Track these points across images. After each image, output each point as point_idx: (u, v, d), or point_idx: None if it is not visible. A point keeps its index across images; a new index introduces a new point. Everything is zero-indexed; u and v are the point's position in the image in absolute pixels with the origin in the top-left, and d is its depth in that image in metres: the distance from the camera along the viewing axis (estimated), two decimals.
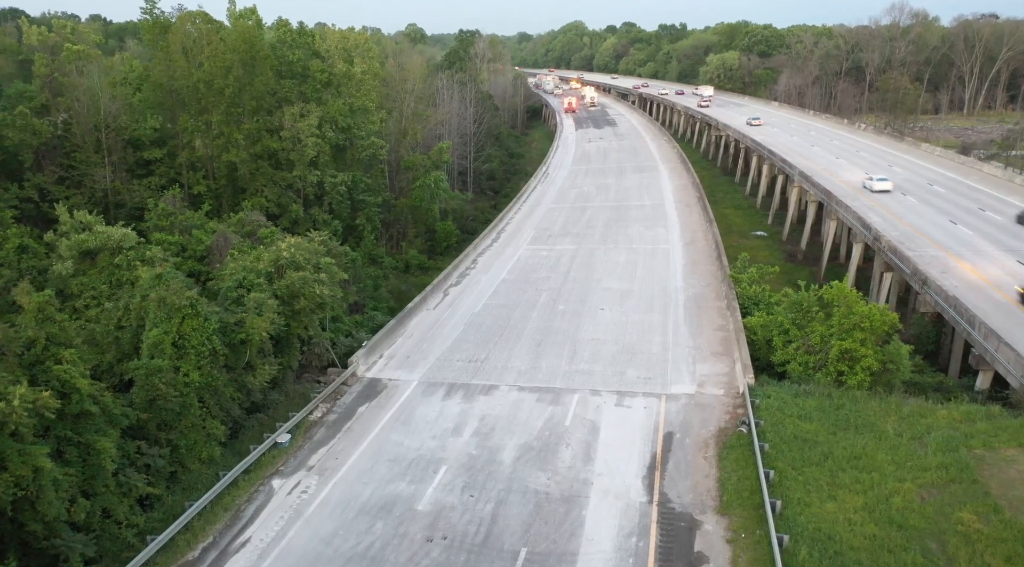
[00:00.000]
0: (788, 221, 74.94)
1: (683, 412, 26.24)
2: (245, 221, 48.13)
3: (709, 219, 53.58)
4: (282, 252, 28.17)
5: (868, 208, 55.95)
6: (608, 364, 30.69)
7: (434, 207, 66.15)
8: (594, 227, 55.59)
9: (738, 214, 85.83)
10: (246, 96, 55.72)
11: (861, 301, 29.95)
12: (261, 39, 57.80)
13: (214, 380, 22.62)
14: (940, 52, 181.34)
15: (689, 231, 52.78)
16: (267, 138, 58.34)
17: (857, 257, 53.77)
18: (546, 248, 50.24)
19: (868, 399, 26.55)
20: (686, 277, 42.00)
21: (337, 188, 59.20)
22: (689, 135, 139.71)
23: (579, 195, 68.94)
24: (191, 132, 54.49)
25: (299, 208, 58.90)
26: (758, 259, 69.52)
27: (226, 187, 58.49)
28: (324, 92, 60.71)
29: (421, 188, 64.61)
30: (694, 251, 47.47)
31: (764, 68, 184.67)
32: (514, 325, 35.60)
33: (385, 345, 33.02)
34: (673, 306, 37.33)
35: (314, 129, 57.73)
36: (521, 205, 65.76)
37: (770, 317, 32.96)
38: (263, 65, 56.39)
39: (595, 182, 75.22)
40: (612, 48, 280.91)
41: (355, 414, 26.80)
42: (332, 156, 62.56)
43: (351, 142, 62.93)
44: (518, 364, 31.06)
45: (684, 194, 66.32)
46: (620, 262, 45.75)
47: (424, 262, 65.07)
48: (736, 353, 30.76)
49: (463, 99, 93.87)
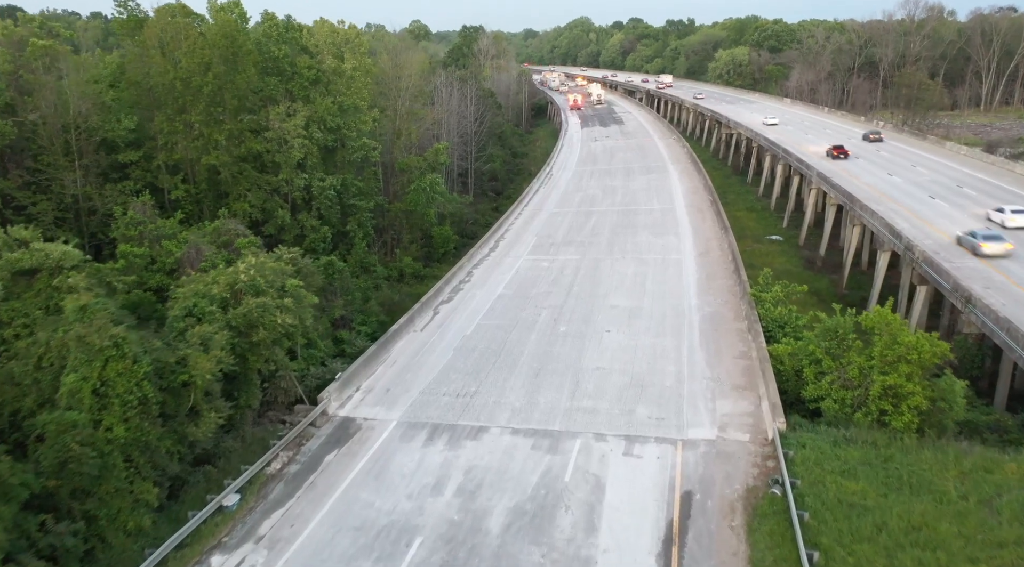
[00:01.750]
0: (805, 225, 70.84)
1: (703, 464, 22.37)
2: (221, 230, 44.46)
3: (724, 226, 49.60)
4: (239, 275, 24.43)
5: (895, 212, 51.92)
6: (615, 400, 26.85)
7: (430, 211, 62.37)
8: (600, 234, 51.68)
9: (751, 217, 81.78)
10: (227, 95, 52.00)
11: (906, 329, 25.98)
12: (244, 34, 54.09)
13: (145, 434, 18.95)
14: (956, 47, 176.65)
15: (703, 239, 48.82)
16: (251, 139, 54.63)
17: (884, 267, 49.73)
18: (548, 258, 46.39)
19: (920, 448, 22.63)
20: (701, 293, 38.07)
21: (326, 192, 55.46)
22: (698, 133, 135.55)
23: (584, 199, 65.04)
24: (168, 133, 50.85)
25: (285, 214, 55.24)
26: (774, 266, 65.40)
27: (207, 192, 54.81)
28: (312, 90, 56.93)
29: (416, 192, 60.82)
30: (708, 263, 43.52)
31: (775, 64, 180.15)
32: (510, 350, 31.78)
33: (363, 375, 29.27)
34: (687, 328, 33.42)
35: (301, 130, 54.01)
36: (522, 210, 61.90)
37: (799, 343, 29.05)
38: (246, 61, 52.65)
39: (601, 184, 71.29)
40: (619, 44, 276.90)
41: (321, 464, 23.05)
42: (321, 158, 58.83)
43: (341, 143, 59.19)
44: (512, 399, 27.26)
45: (696, 198, 62.32)
46: (628, 275, 41.86)
47: (419, 270, 61.32)
48: (762, 387, 26.86)
49: (464, 97, 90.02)
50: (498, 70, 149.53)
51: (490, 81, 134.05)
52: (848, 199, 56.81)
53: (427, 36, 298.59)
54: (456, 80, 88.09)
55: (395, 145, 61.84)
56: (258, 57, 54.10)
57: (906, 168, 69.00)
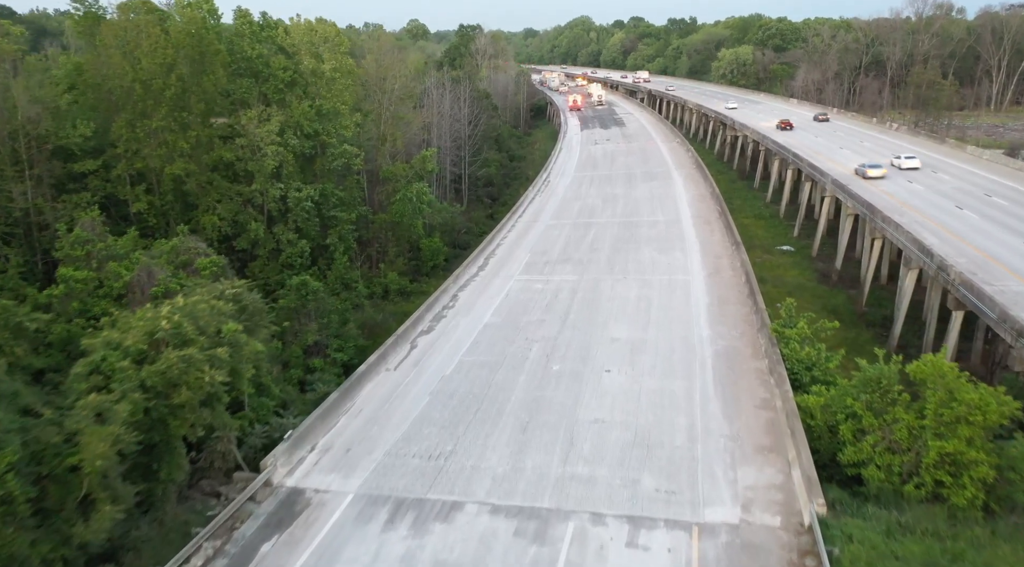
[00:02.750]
0: (818, 234, 66.50)
1: (725, 558, 18.05)
2: (180, 249, 40.17)
3: (735, 241, 45.21)
4: (160, 321, 20.14)
5: (920, 225, 47.61)
6: (616, 465, 22.51)
7: (417, 223, 58.10)
8: (599, 250, 47.32)
9: (760, 225, 77.46)
10: (193, 98, 47.71)
11: (966, 383, 21.60)
12: (213, 32, 49.81)
13: (7, 545, 14.72)
14: (965, 45, 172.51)
15: (712, 256, 44.44)
16: (221, 146, 50.41)
17: (910, 288, 45.38)
18: (542, 279, 42.05)
19: (994, 541, 18.30)
20: (712, 322, 33.71)
21: (302, 204, 51.18)
22: (702, 135, 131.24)
23: (583, 208, 60.68)
24: (127, 141, 46.58)
25: (259, 226, 51.01)
26: (786, 280, 61.27)
27: (173, 204, 50.54)
28: (288, 93, 52.69)
29: (401, 202, 56.54)
30: (720, 284, 39.16)
31: (780, 63, 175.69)
32: (494, 396, 27.45)
33: (321, 430, 24.95)
34: (699, 367, 29.07)
35: (275, 136, 49.75)
36: (516, 221, 57.51)
37: (832, 392, 24.73)
38: (214, 62, 48.38)
39: (601, 192, 66.94)
40: (619, 43, 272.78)
41: (254, 559, 18.76)
42: (299, 167, 54.57)
43: (321, 150, 54.92)
44: (494, 462, 22.94)
45: (703, 207, 57.92)
46: (630, 299, 37.52)
47: (406, 286, 57.03)
48: (791, 450, 22.51)
49: (457, 99, 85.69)
50: (495, 70, 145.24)
51: (487, 81, 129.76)
52: (868, 210, 52.43)
53: (425, 35, 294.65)
54: (449, 81, 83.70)
55: (379, 152, 57.53)
56: (227, 57, 49.77)
57: (926, 174, 64.64)
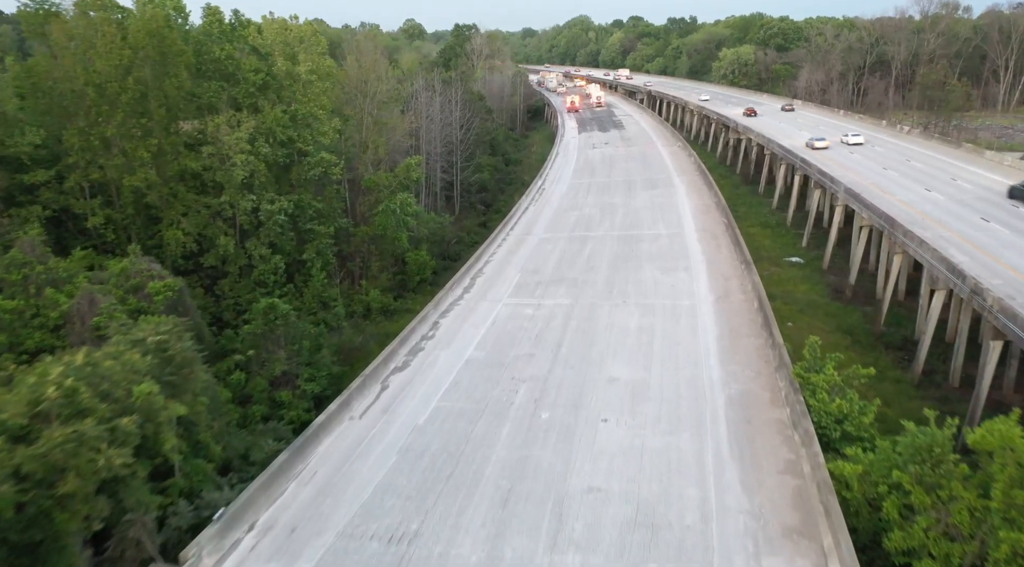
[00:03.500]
0: (829, 245, 62.59)
1: None
2: (131, 271, 36.26)
3: (745, 259, 41.26)
4: (47, 389, 16.17)
5: (945, 240, 43.77)
6: (614, 552, 18.56)
7: (402, 235, 54.14)
8: (596, 269, 43.36)
9: (766, 234, 73.55)
10: (153, 103, 43.76)
11: None
12: (176, 31, 45.84)
13: None
14: (972, 45, 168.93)
15: (720, 277, 40.49)
16: (186, 155, 46.48)
17: (937, 311, 41.46)
18: (532, 303, 38.08)
19: None
20: (724, 359, 29.76)
21: (275, 217, 47.23)
22: (703, 137, 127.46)
23: (579, 220, 56.71)
24: (81, 150, 42.67)
25: (229, 241, 47.06)
26: (797, 295, 57.28)
27: (135, 217, 46.63)
28: (260, 97, 48.73)
29: (384, 213, 52.58)
30: (729, 311, 35.21)
31: (782, 63, 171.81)
32: (471, 455, 23.50)
33: (263, 502, 20.97)
34: (710, 418, 25.12)
35: (244, 143, 45.81)
36: (507, 234, 53.50)
37: (871, 456, 20.81)
38: (177, 64, 44.42)
39: (599, 201, 62.98)
40: (619, 43, 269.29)
41: None
42: (274, 176, 50.64)
43: (297, 158, 50.97)
44: (467, 549, 18.98)
45: (708, 220, 53.96)
46: (630, 329, 33.56)
47: (389, 304, 53.10)
48: (826, 534, 18.56)
49: (449, 102, 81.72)
50: (491, 70, 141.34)
51: (481, 83, 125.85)
52: (887, 223, 48.50)
53: (422, 35, 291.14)
54: (440, 83, 79.68)
55: (360, 160, 53.56)
56: (192, 59, 45.80)
57: (945, 182, 60.76)
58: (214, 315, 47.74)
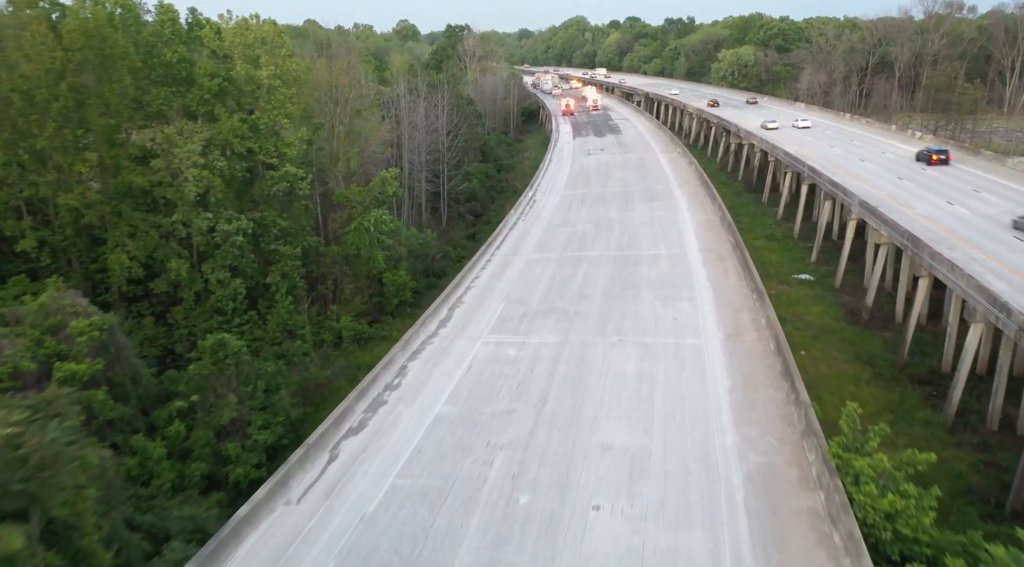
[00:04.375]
0: (842, 262, 58.02)
1: None
2: (51, 308, 31.50)
3: (757, 288, 36.55)
4: None
5: (978, 262, 39.29)
6: None
7: (377, 254, 49.40)
8: (589, 298, 38.63)
9: (772, 248, 69.00)
10: (91, 112, 39.01)
11: None
12: (119, 31, 41.10)
13: None
14: (977, 45, 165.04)
15: (728, 309, 35.79)
16: (131, 170, 41.74)
17: (974, 345, 36.86)
18: (516, 341, 33.32)
19: None
20: (739, 419, 25.06)
21: (232, 238, 42.50)
22: (703, 141, 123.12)
23: (572, 237, 51.97)
24: (6, 164, 37.93)
25: (182, 265, 42.34)
26: (808, 319, 52.62)
27: (75, 239, 41.90)
28: (217, 105, 43.98)
29: (357, 232, 47.85)
30: (742, 353, 30.53)
31: (783, 64, 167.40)
32: (429, 560, 18.78)
33: None
34: (727, 504, 20.40)
35: (197, 157, 41.09)
36: (493, 254, 48.72)
37: None
38: (119, 67, 39.69)
39: (594, 215, 58.27)
40: (615, 44, 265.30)
41: None
42: (236, 192, 45.94)
43: (260, 172, 46.24)
44: None
45: (712, 237, 49.27)
46: (628, 377, 28.87)
47: (363, 330, 48.38)
48: None
49: (435, 106, 76.99)
50: (483, 72, 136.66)
51: (472, 85, 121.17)
52: (911, 242, 43.93)
53: (415, 37, 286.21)
54: (425, 87, 74.85)
55: (331, 173, 48.79)
56: (137, 62, 41.04)
57: (968, 193, 56.29)
58: (165, 347, 43.03)
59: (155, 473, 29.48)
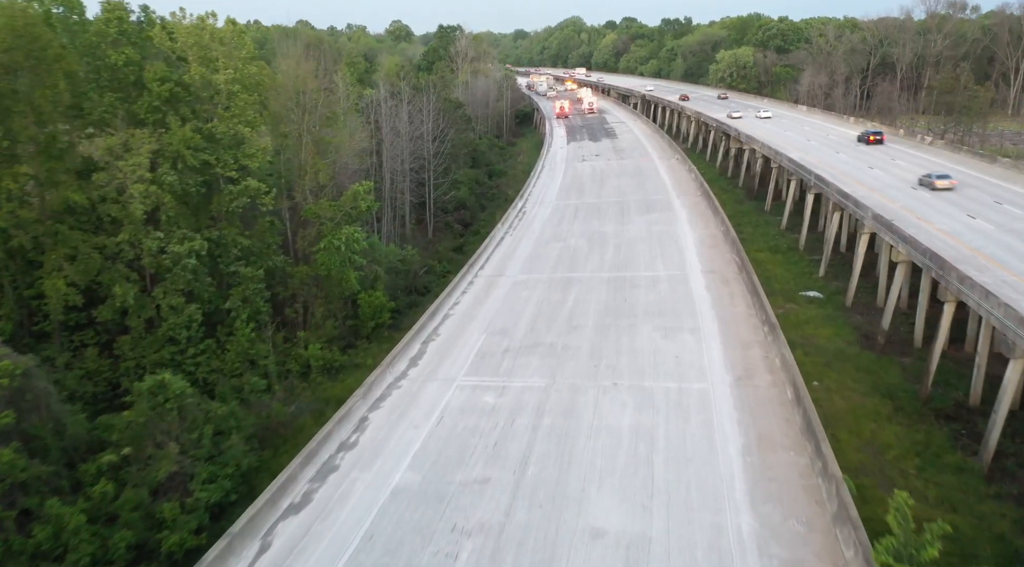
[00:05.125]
0: (853, 279, 53.96)
1: None
2: None
3: (769, 321, 32.34)
4: None
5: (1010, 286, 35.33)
6: None
7: (349, 274, 45.16)
8: (580, 328, 34.40)
9: (776, 261, 64.97)
10: (19, 121, 34.76)
11: None
12: (55, 30, 36.86)
13: None
14: (980, 46, 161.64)
15: (737, 344, 31.60)
16: (68, 185, 37.48)
17: (1015, 381, 32.80)
18: (495, 385, 29.09)
19: None
20: (755, 494, 20.86)
21: (183, 261, 38.24)
22: (701, 145, 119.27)
23: (563, 255, 47.78)
24: None
25: (129, 290, 38.07)
26: (818, 341, 48.59)
27: (7, 263, 37.61)
28: (168, 112, 39.73)
29: (327, 251, 43.63)
30: (755, 402, 26.36)
31: (783, 65, 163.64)
32: None
33: None
34: None
35: (144, 171, 36.84)
36: (476, 275, 44.45)
37: None
38: (53, 70, 35.45)
39: (587, 229, 54.10)
40: (611, 45, 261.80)
41: None
42: (193, 209, 41.73)
43: (217, 187, 42.02)
44: None
45: (715, 256, 45.14)
46: (623, 434, 24.67)
47: (334, 359, 44.13)
48: None
49: (420, 111, 72.76)
50: (475, 74, 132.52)
51: (463, 88, 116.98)
52: (935, 263, 39.87)
53: (408, 38, 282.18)
54: (408, 91, 70.53)
55: (298, 187, 44.54)
56: (74, 65, 36.78)
57: (988, 206, 52.36)
58: (110, 382, 38.77)
59: (71, 546, 25.24)
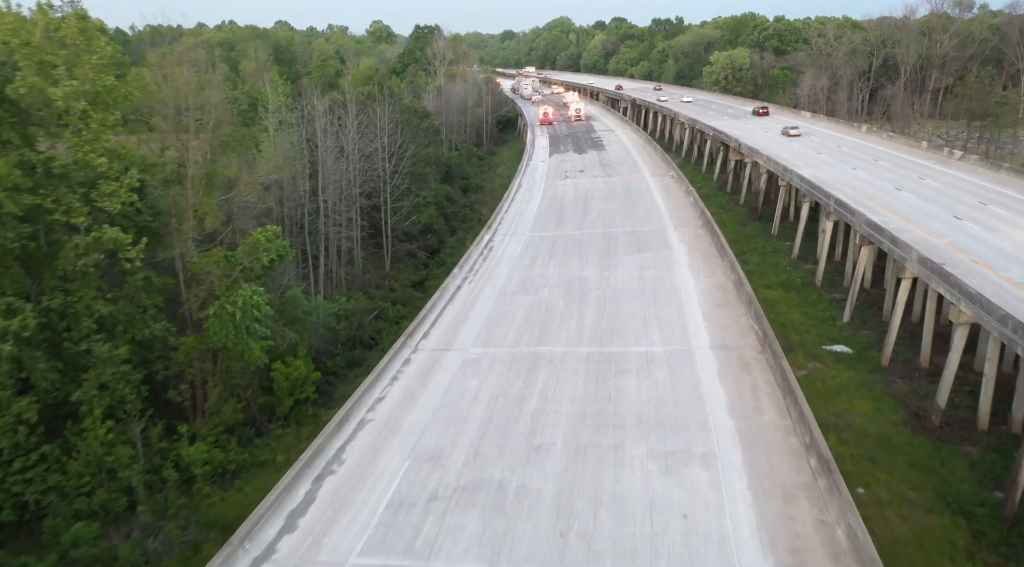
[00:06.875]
0: (892, 333, 43.92)
1: None
2: None
3: (820, 454, 21.86)
4: None
5: None
6: None
7: (252, 345, 34.59)
8: (545, 451, 23.96)
9: (791, 301, 54.92)
10: None
11: None
12: None
13: None
14: (989, 46, 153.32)
15: (774, 484, 21.17)
16: None
17: None
18: None
19: None
20: None
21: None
22: (696, 154, 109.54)
23: (531, 314, 37.28)
24: None
25: None
26: (857, 424, 37.38)
27: None
28: None
29: (218, 318, 33.06)
30: None
31: (781, 68, 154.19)
32: None
33: None
34: None
35: None
36: (414, 351, 33.63)
37: None
38: None
39: (564, 274, 43.68)
40: (600, 45, 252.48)
41: None
42: (26, 268, 31.11)
43: (58, 239, 31.39)
44: None
45: (727, 321, 34.70)
46: None
47: (229, 460, 33.48)
48: None
49: (372, 125, 62.26)
50: (451, 78, 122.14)
51: (435, 93, 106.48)
52: (1019, 334, 29.84)
53: (389, 39, 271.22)
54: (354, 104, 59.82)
55: (177, 236, 33.84)
56: None
57: None
58: None
59: None
